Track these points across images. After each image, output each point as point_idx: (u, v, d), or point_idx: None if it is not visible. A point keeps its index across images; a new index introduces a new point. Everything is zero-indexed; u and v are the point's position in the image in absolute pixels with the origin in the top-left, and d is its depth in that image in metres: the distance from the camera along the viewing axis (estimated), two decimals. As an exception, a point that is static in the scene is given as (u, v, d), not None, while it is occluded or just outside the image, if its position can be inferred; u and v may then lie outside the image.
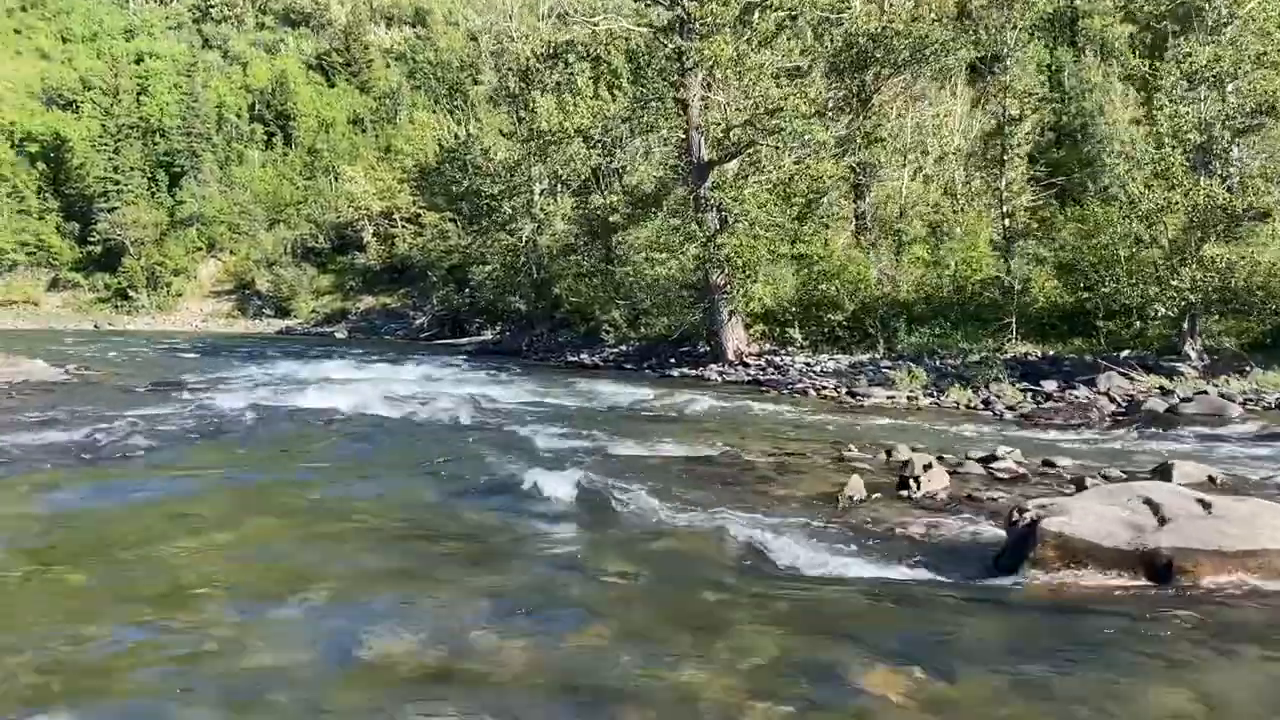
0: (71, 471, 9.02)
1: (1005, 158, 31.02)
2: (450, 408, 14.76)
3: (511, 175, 37.67)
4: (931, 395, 19.22)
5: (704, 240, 25.18)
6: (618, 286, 36.57)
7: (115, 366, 27.03)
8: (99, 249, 71.80)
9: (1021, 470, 9.04)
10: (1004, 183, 30.77)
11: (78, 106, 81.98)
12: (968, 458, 9.81)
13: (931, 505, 7.43)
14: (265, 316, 67.83)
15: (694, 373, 26.52)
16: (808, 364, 25.02)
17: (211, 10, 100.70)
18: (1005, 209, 30.86)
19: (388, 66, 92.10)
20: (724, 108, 25.80)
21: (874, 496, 7.70)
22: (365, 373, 24.45)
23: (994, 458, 9.43)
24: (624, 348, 32.65)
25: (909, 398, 19.06)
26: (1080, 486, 7.67)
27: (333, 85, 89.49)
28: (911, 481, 7.78)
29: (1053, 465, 9.53)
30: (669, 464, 9.51)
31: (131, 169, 74.31)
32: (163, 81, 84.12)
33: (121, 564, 6.04)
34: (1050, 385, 19.04)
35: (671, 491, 7.99)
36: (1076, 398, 17.83)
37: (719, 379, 25.03)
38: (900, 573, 5.77)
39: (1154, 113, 23.87)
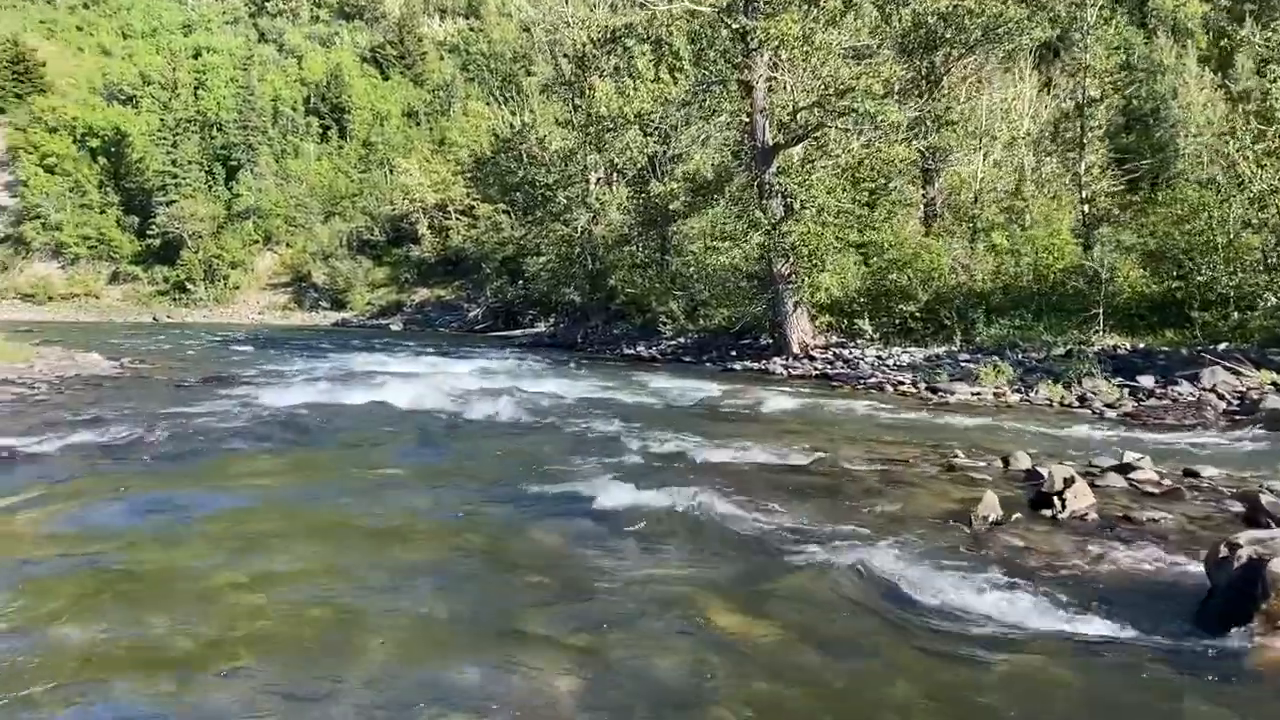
0: (102, 481, 8.19)
1: (1084, 140, 29.51)
2: (510, 404, 13.86)
3: (566, 165, 36.83)
4: (1020, 391, 17.96)
5: (768, 228, 24.06)
6: (674, 277, 35.60)
7: (169, 359, 26.64)
8: (158, 242, 72.48)
9: (1168, 482, 7.83)
10: (1083, 167, 29.26)
11: (137, 101, 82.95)
12: (1094, 466, 8.65)
13: (1083, 529, 6.30)
14: (321, 309, 67.92)
15: (757, 366, 25.43)
16: (879, 357, 23.79)
17: (267, 4, 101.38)
18: (1085, 194, 29.35)
19: (441, 59, 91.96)
20: (790, 89, 24.61)
21: (1014, 518, 6.58)
22: (420, 366, 23.74)
23: (1129, 466, 8.23)
24: (682, 340, 31.65)
25: (995, 394, 17.82)
26: (1253, 505, 6.49)
27: (387, 78, 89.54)
28: (1055, 499, 6.66)
29: (1196, 475, 8.33)
30: (760, 474, 8.46)
31: (189, 162, 74.92)
32: (219, 76, 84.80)
33: (142, 605, 5.16)
34: (1146, 381, 17.65)
35: (772, 510, 6.95)
36: (1181, 395, 16.41)
37: (784, 373, 23.90)
38: (1077, 624, 4.65)
39: (1261, 87, 22.23)
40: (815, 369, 24.05)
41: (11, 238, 75.90)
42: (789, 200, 24.81)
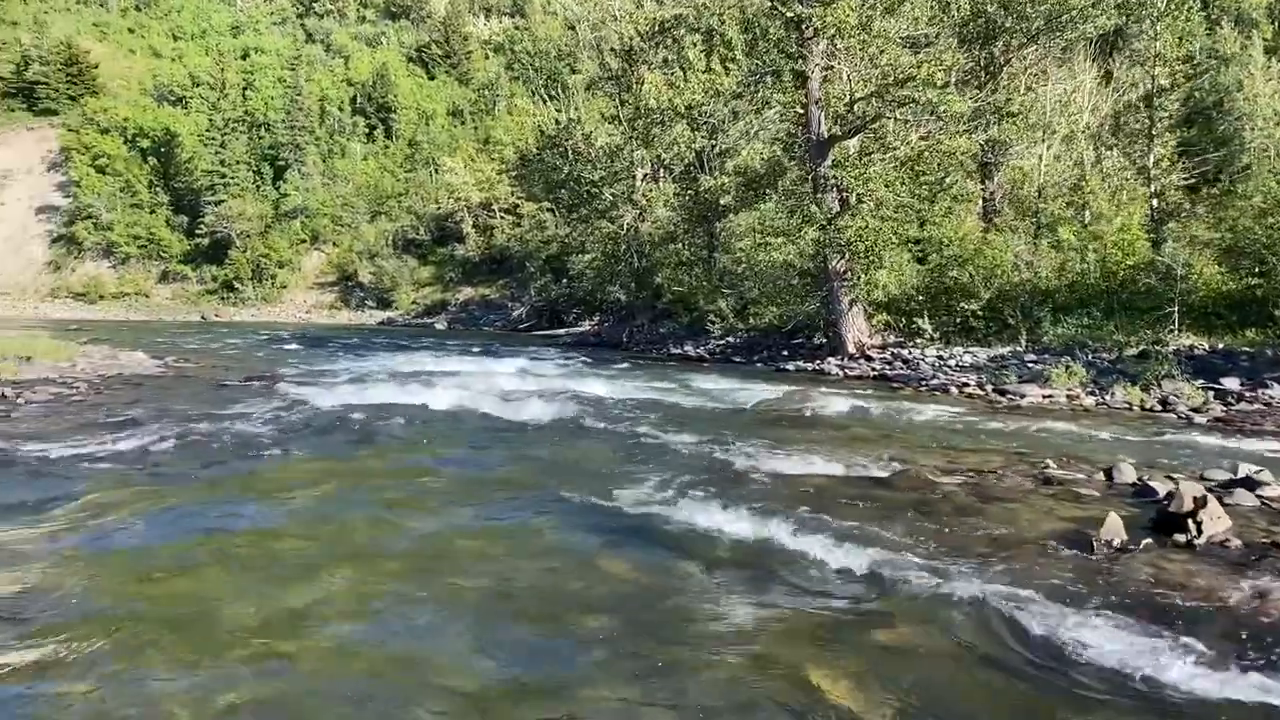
0: (126, 492, 7.58)
1: (1153, 132, 28.29)
2: (559, 407, 13.19)
3: (612, 161, 36.16)
4: (1094, 394, 16.97)
5: (823, 223, 23.19)
6: (722, 275, 34.80)
7: (213, 358, 26.39)
8: (206, 241, 73.08)
9: (1304, 501, 6.92)
10: (1151, 159, 28.04)
11: (187, 102, 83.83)
12: (1207, 479, 7.75)
13: (1229, 559, 5.40)
14: (367, 308, 68.01)
15: (810, 366, 24.57)
16: (940, 358, 22.82)
17: (315, 5, 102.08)
18: (1153, 188, 28.13)
19: (486, 58, 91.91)
20: (847, 79, 23.70)
21: (1142, 544, 5.70)
22: (464, 365, 23.21)
23: (1254, 482, 7.30)
24: (731, 339, 30.84)
25: (1068, 396, 16.84)
26: None
27: (432, 77, 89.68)
28: (1187, 522, 5.78)
29: (1327, 491, 7.39)
30: (838, 488, 7.65)
31: (237, 162, 75.52)
32: (267, 76, 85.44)
33: (150, 652, 4.51)
34: (1231, 383, 16.61)
35: (859, 534, 6.13)
36: (1274, 398, 15.35)
37: (840, 374, 23.02)
38: (1261, 688, 3.83)
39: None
40: (873, 370, 23.15)
41: (64, 238, 77.03)
42: (844, 194, 23.93)
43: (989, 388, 18.17)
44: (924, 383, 19.95)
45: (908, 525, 6.33)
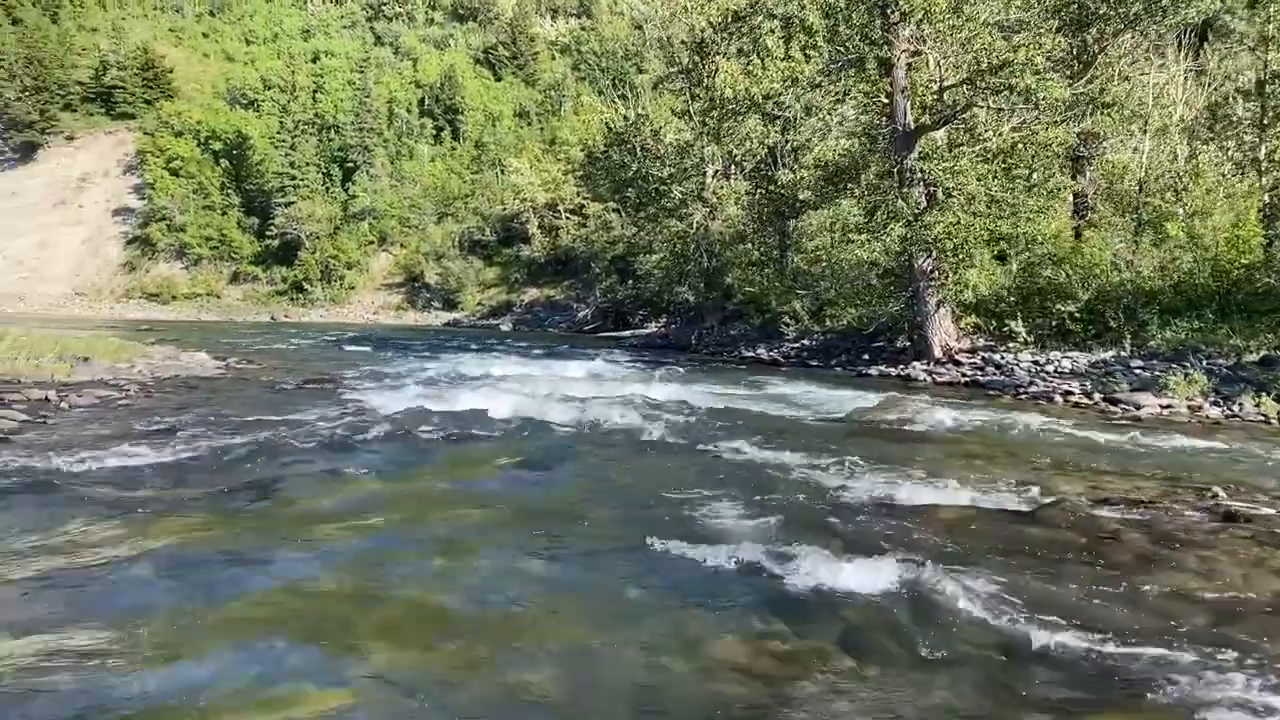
0: (133, 523, 6.44)
1: (1265, 121, 26.30)
2: (632, 415, 12.09)
3: (682, 157, 35.05)
4: (1218, 404, 15.39)
5: (910, 218, 21.78)
6: (795, 275, 33.47)
7: (276, 360, 25.90)
8: (276, 243, 73.72)
9: None
10: (1263, 151, 26.07)
11: (258, 105, 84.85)
12: None
13: None
14: (433, 309, 67.89)
15: (895, 372, 23.20)
16: (1035, 363, 21.26)
17: (384, 8, 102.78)
18: (1265, 182, 26.16)
19: (553, 58, 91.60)
20: (936, 66, 22.25)
21: None
22: (529, 368, 22.30)
23: None
24: (806, 342, 29.51)
25: (1191, 407, 15.30)
26: None
27: (499, 78, 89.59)
28: None
29: None
30: (976, 526, 6.38)
31: (307, 164, 76.12)
32: (337, 79, 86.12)
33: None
34: (1375, 393, 14.94)
35: (1028, 593, 4.82)
36: None
37: (928, 379, 21.62)
38: None
39: None
40: (963, 375, 21.70)
41: (139, 239, 78.43)
42: (931, 188, 22.50)
43: (1097, 396, 16.65)
44: (1022, 390, 18.50)
45: (1085, 581, 5.07)
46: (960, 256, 22.36)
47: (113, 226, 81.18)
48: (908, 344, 25.03)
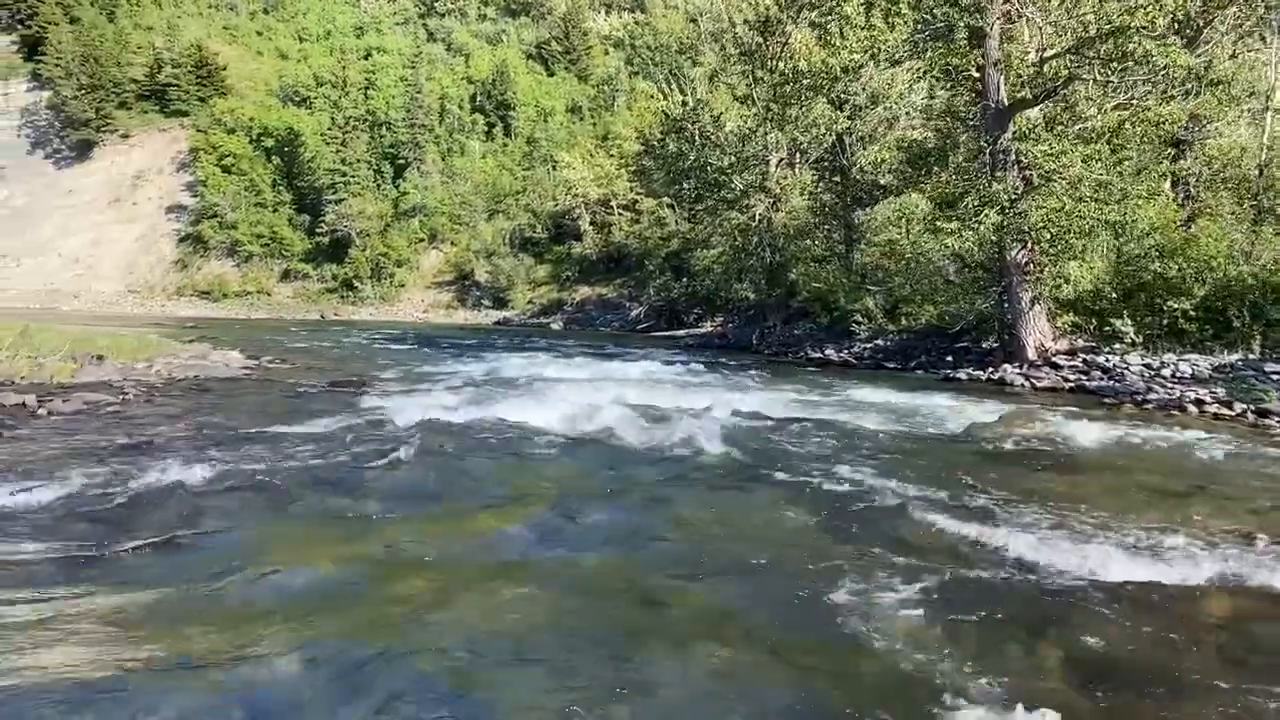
0: (87, 568, 4.72)
1: (1395, 99, 23.64)
2: (703, 431, 10.10)
3: (744, 145, 32.94)
4: (1393, 418, 13.02)
5: (1005, 204, 19.51)
6: (864, 272, 31.27)
7: (313, 358, 24.38)
8: (327, 240, 72.80)
9: None
10: (1394, 132, 23.41)
11: (310, 102, 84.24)
12: None
13: None
14: (484, 307, 66.43)
15: (984, 375, 20.99)
16: (1148, 366, 18.91)
17: (436, 4, 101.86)
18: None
19: (606, 53, 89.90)
20: (1037, 33, 19.97)
21: None
22: (580, 370, 20.43)
23: None
24: (879, 342, 27.26)
25: (1364, 421, 12.95)
26: None
27: (552, 74, 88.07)
28: None
29: None
30: (1244, 629, 4.25)
31: (358, 161, 75.14)
32: (388, 75, 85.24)
33: None
34: None
35: None
36: None
37: (1025, 384, 19.34)
38: None
39: None
40: (1064, 380, 19.43)
41: (191, 236, 78.11)
42: (1028, 172, 20.21)
43: (1240, 407, 14.32)
44: (1140, 398, 16.17)
45: None
46: (1060, 247, 20.05)
47: (166, 224, 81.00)
48: (995, 345, 22.75)
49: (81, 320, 42.58)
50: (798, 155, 33.64)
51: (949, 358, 23.50)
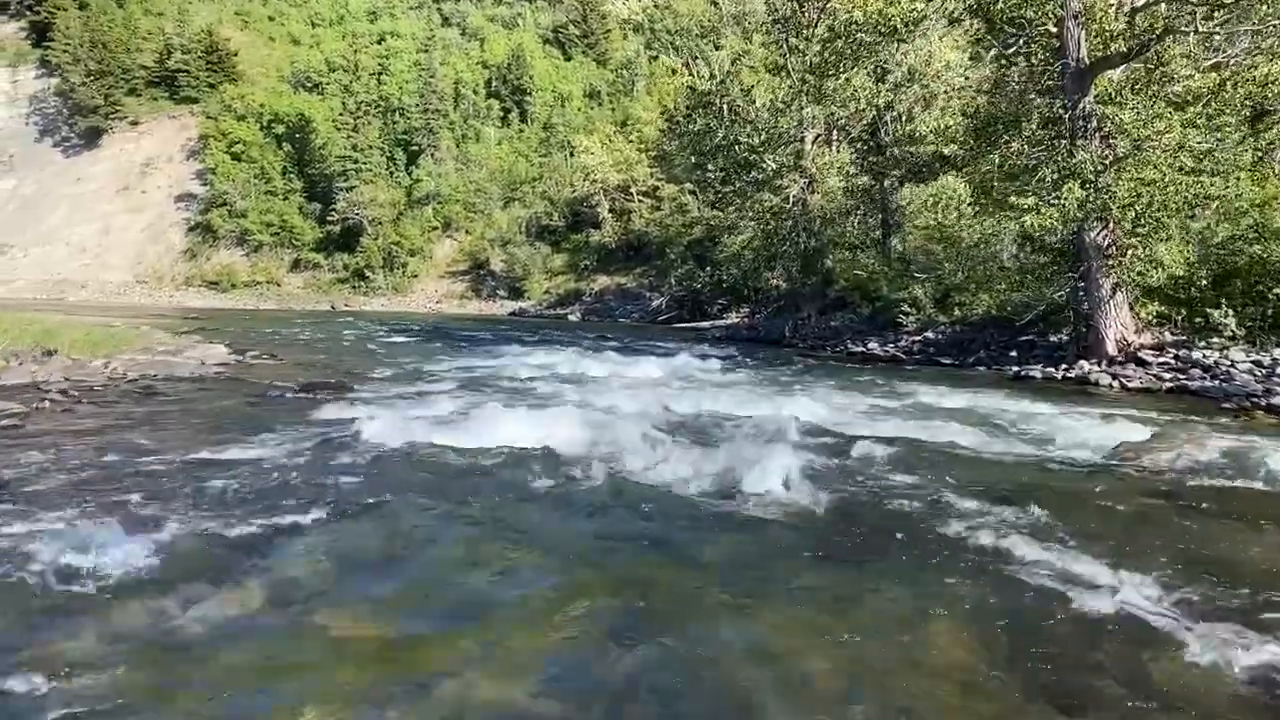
0: None
1: None
2: (754, 454, 7.60)
3: (776, 121, 30.34)
4: None
5: (1091, 176, 16.93)
6: (904, 258, 28.77)
7: (303, 353, 22.11)
8: (338, 229, 70.71)
9: None
10: None
11: (322, 88, 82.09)
12: None
13: None
14: (499, 297, 64.20)
15: (1057, 373, 18.45)
16: (1257, 363, 16.31)
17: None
18: None
19: (625, 37, 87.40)
20: (1125, -21, 17.38)
21: None
22: (600, 367, 17.98)
23: None
24: (929, 335, 24.73)
25: None
26: None
27: (569, 58, 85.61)
28: None
29: None
30: None
31: (370, 147, 73.00)
32: (402, 60, 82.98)
33: None
34: None
35: None
36: None
37: (1114, 384, 16.79)
38: None
39: None
40: (1158, 379, 16.85)
41: (200, 225, 76.19)
42: (1111, 139, 17.62)
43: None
44: (1263, 402, 13.60)
45: None
46: (1150, 226, 17.43)
47: (175, 213, 79.11)
48: (1067, 338, 20.18)
49: (87, 311, 40.58)
50: (835, 133, 31.05)
51: (1013, 352, 20.97)
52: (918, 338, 24.68)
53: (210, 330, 30.71)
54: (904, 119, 30.09)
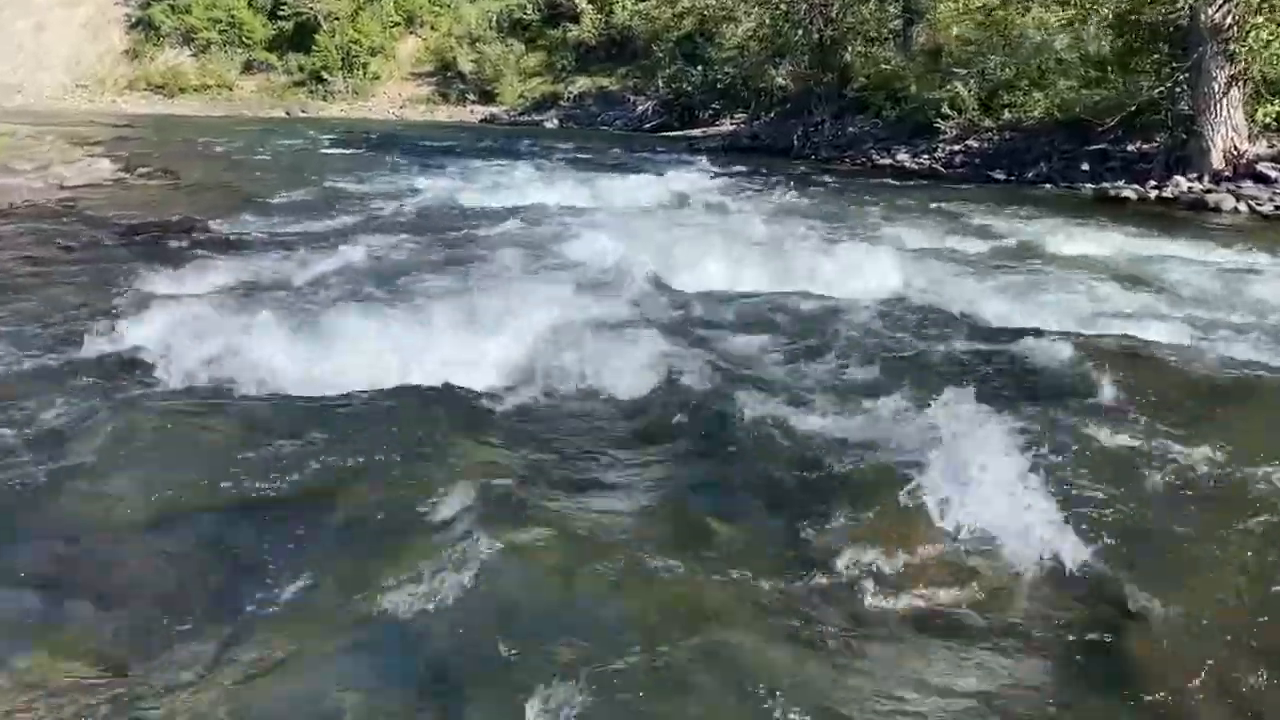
0: None
1: None
2: (801, 330, 4.35)
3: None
4: None
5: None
6: (932, 52, 24.43)
7: (214, 170, 18.14)
8: (290, 26, 64.00)
9: None
10: None
11: None
12: None
13: None
14: (468, 102, 58.74)
15: (1142, 189, 14.82)
16: None
17: None
18: None
19: None
20: None
21: None
22: (578, 192, 13.95)
23: None
24: (970, 143, 20.82)
25: None
26: None
27: None
28: None
29: None
30: None
31: (321, -73, 65.15)
32: None
33: None
34: None
35: None
36: None
37: (1237, 206, 13.18)
38: None
39: None
40: (1274, 200, 13.26)
41: (142, 22, 69.06)
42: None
43: None
44: None
45: None
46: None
47: (114, 8, 71.61)
48: (1156, 146, 16.40)
49: (21, 119, 35.67)
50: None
51: (1084, 165, 17.18)
52: (958, 146, 20.76)
53: (131, 140, 26.52)
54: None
